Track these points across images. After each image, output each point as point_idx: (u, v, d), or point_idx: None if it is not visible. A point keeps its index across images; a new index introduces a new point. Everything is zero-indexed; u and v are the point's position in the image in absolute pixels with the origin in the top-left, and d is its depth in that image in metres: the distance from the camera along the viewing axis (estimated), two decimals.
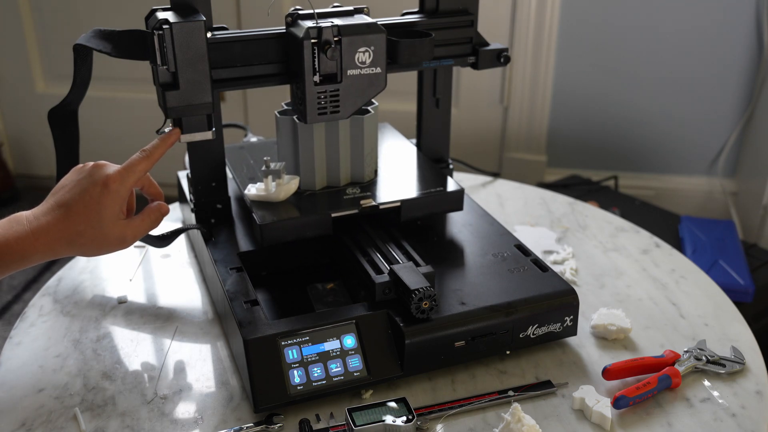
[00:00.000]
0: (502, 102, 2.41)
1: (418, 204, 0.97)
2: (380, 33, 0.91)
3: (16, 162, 2.75)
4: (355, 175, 1.01)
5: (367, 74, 0.92)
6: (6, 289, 2.22)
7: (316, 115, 0.92)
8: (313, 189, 0.99)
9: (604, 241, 1.14)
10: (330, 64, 0.90)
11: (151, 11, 0.90)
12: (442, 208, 1.00)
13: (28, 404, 0.83)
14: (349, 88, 0.92)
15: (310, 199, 0.97)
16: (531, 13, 2.25)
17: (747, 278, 1.70)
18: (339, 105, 0.93)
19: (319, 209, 0.94)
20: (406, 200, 0.96)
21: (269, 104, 2.49)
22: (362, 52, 0.90)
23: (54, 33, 2.52)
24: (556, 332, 0.88)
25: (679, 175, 2.43)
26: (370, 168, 1.02)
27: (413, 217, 0.97)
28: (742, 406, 0.82)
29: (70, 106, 0.95)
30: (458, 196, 0.99)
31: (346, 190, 0.99)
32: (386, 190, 0.99)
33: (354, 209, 0.94)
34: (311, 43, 0.88)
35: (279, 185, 0.95)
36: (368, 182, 1.01)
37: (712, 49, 2.24)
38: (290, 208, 0.94)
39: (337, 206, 0.95)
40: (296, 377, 0.80)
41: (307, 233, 0.92)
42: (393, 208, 0.96)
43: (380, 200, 0.96)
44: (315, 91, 0.91)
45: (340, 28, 0.89)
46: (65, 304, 1.00)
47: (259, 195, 0.95)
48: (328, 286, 0.97)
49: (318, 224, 0.92)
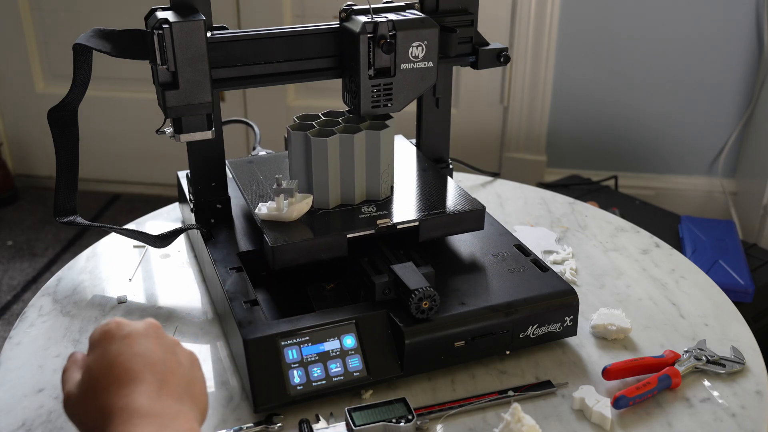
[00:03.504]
0: (502, 102, 2.41)
1: (438, 223, 0.92)
2: (434, 28, 0.93)
3: (16, 162, 2.75)
4: (370, 192, 0.96)
5: (420, 68, 0.94)
6: (6, 289, 2.22)
7: (369, 107, 0.94)
8: (327, 207, 0.94)
9: (604, 241, 1.14)
10: (384, 58, 0.92)
11: (151, 11, 0.90)
12: (462, 227, 0.95)
13: (28, 404, 0.83)
14: (402, 81, 0.94)
15: (323, 219, 0.92)
16: (531, 13, 2.25)
17: (747, 278, 1.69)
18: (392, 98, 0.94)
19: (334, 230, 0.90)
20: (424, 219, 0.91)
21: (269, 104, 2.49)
22: (416, 46, 0.93)
23: (54, 33, 2.52)
24: (556, 332, 0.88)
25: (679, 175, 2.43)
26: (387, 185, 0.97)
27: (432, 236, 0.93)
28: (742, 406, 0.82)
29: (70, 105, 0.95)
30: (479, 215, 0.94)
31: (361, 208, 0.94)
32: (404, 208, 0.95)
33: (370, 229, 0.90)
34: (367, 37, 0.90)
35: (291, 204, 0.90)
36: (384, 200, 0.96)
37: (713, 49, 2.24)
38: (303, 228, 0.90)
39: (353, 226, 0.90)
40: (296, 377, 0.80)
41: (321, 255, 0.88)
42: (411, 227, 0.91)
43: (397, 219, 0.92)
44: (369, 85, 0.93)
45: (395, 23, 0.91)
46: (65, 304, 1.00)
47: (270, 215, 0.90)
48: (328, 286, 0.97)
49: (332, 246, 0.88)
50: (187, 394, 0.59)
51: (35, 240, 2.45)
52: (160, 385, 0.58)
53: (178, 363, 0.61)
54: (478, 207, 0.94)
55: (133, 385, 0.57)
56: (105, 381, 0.58)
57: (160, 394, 0.57)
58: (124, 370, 0.58)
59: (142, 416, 0.55)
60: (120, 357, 0.58)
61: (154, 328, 0.62)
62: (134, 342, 0.60)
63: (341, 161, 0.93)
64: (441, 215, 0.93)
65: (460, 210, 0.94)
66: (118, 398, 0.56)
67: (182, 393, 0.59)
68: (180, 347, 0.63)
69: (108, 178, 2.70)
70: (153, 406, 0.56)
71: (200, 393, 0.61)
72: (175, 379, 0.59)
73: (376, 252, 0.91)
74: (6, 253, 2.39)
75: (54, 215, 1.01)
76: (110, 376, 0.58)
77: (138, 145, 2.63)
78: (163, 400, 0.57)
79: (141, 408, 0.55)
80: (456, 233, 0.96)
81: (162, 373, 0.59)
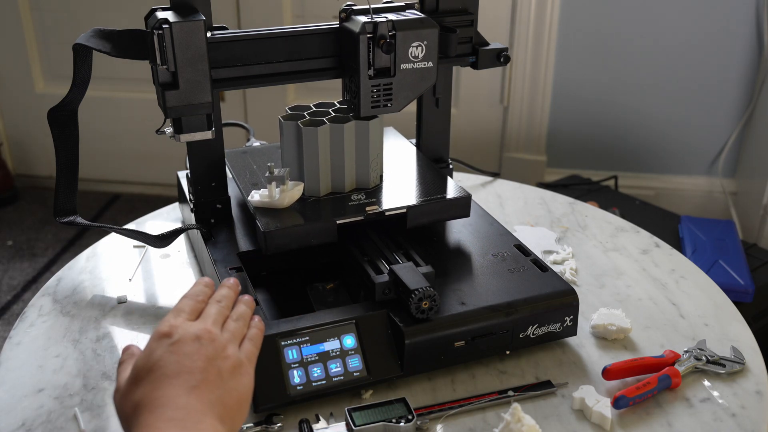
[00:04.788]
0: (502, 102, 2.41)
1: (425, 210, 0.95)
2: (434, 28, 0.93)
3: (16, 162, 2.75)
4: (360, 180, 0.99)
5: (420, 68, 0.94)
6: (6, 289, 2.22)
7: (369, 108, 0.94)
8: (318, 195, 0.97)
9: (604, 241, 1.14)
10: (384, 58, 0.92)
11: (151, 11, 0.90)
12: (449, 214, 0.98)
13: (28, 404, 0.82)
14: (402, 81, 0.94)
15: (314, 206, 0.95)
16: (531, 13, 2.25)
17: (747, 278, 1.69)
18: (392, 98, 0.95)
19: (324, 216, 0.93)
20: (412, 207, 0.94)
21: (269, 104, 2.49)
22: (415, 46, 0.93)
23: (54, 33, 2.52)
24: (555, 332, 0.88)
25: (679, 175, 2.43)
26: (376, 173, 1.00)
27: (420, 223, 0.96)
28: (742, 406, 0.82)
29: (69, 105, 0.95)
30: (465, 202, 0.97)
31: (351, 196, 0.97)
32: (392, 196, 0.98)
33: (359, 216, 0.93)
34: (367, 37, 0.91)
35: (283, 191, 0.93)
36: (374, 188, 0.99)
37: (713, 49, 2.24)
38: (294, 215, 0.92)
39: (342, 213, 0.93)
40: (296, 377, 0.80)
41: (311, 241, 0.91)
42: (399, 214, 0.94)
43: (386, 206, 0.94)
44: (369, 85, 0.93)
45: (395, 23, 0.91)
46: (65, 304, 1.00)
47: (262, 201, 0.93)
48: (328, 286, 0.97)
49: (323, 231, 0.91)
50: (220, 402, 0.63)
51: (35, 240, 2.45)
52: (190, 390, 0.61)
53: (218, 374, 0.64)
54: (464, 194, 0.97)
55: (164, 389, 0.61)
56: (144, 379, 0.62)
57: (189, 398, 0.61)
58: (161, 372, 0.62)
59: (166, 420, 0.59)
60: (162, 360, 0.63)
61: (206, 335, 0.66)
62: (180, 348, 0.64)
63: (331, 150, 0.96)
64: (428, 202, 0.96)
65: (446, 198, 0.97)
66: (149, 398, 0.61)
67: (214, 400, 0.62)
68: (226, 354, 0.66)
69: (108, 178, 2.70)
70: (178, 411, 0.60)
71: (235, 402, 0.64)
72: (209, 387, 0.63)
73: (366, 239, 0.94)
74: (6, 253, 2.39)
75: (54, 215, 1.01)
76: (149, 375, 0.62)
77: (138, 145, 2.63)
78: (191, 404, 0.61)
79: (166, 412, 0.59)
80: (443, 220, 1.00)
81: (197, 381, 0.62)
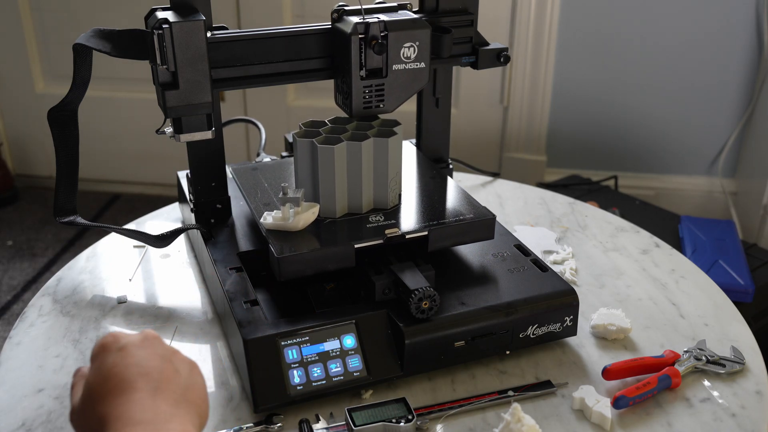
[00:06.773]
0: (502, 102, 2.41)
1: (447, 233, 0.90)
2: (426, 29, 0.93)
3: (16, 162, 2.75)
4: (378, 201, 0.94)
5: (412, 69, 0.94)
6: (6, 289, 2.22)
7: (361, 108, 0.94)
8: (334, 216, 0.92)
9: (604, 241, 1.14)
10: (376, 59, 0.92)
11: (151, 11, 0.90)
12: (472, 236, 0.92)
13: (28, 404, 0.83)
14: (394, 82, 0.94)
15: (330, 228, 0.90)
16: (531, 13, 2.25)
17: (747, 278, 1.69)
18: (384, 99, 0.94)
19: (341, 239, 0.88)
20: (434, 229, 0.89)
21: (269, 104, 2.49)
22: (407, 47, 0.92)
23: (54, 33, 2.52)
24: (555, 332, 0.88)
25: (679, 175, 2.43)
26: (394, 193, 0.95)
27: (441, 246, 0.90)
28: (742, 406, 0.82)
29: (69, 105, 0.95)
30: (489, 224, 0.92)
31: (369, 217, 0.92)
32: (412, 217, 0.92)
33: (379, 239, 0.88)
34: (359, 38, 0.90)
35: (297, 213, 0.88)
36: (392, 209, 0.94)
37: (713, 49, 2.24)
38: (310, 238, 0.87)
39: (360, 236, 0.88)
40: (296, 377, 0.80)
41: (328, 266, 0.86)
42: (420, 237, 0.89)
43: (406, 229, 0.89)
44: (361, 86, 0.93)
45: (386, 23, 0.91)
46: (65, 304, 1.00)
47: (275, 224, 0.88)
48: (328, 286, 0.97)
49: (340, 256, 0.86)
50: (184, 400, 0.60)
51: (35, 240, 2.45)
52: (154, 392, 0.58)
53: (175, 371, 0.61)
54: (488, 216, 0.92)
55: (127, 395, 0.57)
56: (101, 392, 0.58)
57: (155, 400, 0.58)
58: (119, 380, 0.58)
59: (135, 423, 0.55)
60: (115, 368, 0.59)
61: (150, 339, 0.63)
62: (129, 353, 0.60)
63: (348, 169, 0.91)
64: (450, 225, 0.90)
65: (470, 219, 0.91)
66: (112, 408, 0.57)
67: (178, 399, 0.59)
68: (179, 355, 0.63)
69: (108, 178, 2.70)
70: (146, 413, 0.56)
71: (198, 398, 0.62)
72: (170, 386, 0.59)
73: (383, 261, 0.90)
74: (6, 253, 2.39)
75: (54, 215, 1.01)
76: (106, 387, 0.58)
77: (138, 145, 2.63)
78: (157, 406, 0.57)
79: (134, 416, 0.56)
80: (465, 243, 0.94)
81: (157, 381, 0.59)
